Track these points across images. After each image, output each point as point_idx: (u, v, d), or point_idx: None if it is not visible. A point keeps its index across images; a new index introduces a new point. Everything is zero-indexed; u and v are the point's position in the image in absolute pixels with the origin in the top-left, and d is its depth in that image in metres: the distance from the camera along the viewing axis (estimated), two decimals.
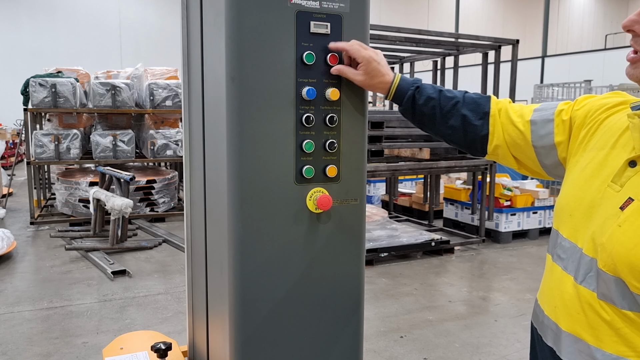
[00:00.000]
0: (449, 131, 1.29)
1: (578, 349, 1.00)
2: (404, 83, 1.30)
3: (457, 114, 1.27)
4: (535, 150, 1.20)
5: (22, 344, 3.52)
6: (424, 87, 1.30)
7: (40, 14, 17.89)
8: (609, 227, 0.94)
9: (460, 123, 1.27)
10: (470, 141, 1.29)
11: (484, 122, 1.26)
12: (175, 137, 7.51)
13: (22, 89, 7.15)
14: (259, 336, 1.25)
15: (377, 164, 5.32)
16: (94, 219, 6.12)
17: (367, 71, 1.23)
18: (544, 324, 1.11)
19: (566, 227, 1.06)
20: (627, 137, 1.00)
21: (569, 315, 1.02)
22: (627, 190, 0.94)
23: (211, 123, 1.30)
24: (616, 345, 0.94)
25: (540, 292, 1.15)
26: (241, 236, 1.20)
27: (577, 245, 1.01)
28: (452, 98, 1.29)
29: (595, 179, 1.02)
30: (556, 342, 1.06)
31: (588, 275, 0.98)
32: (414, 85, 1.30)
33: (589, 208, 1.00)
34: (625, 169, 0.97)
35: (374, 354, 3.45)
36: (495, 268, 5.42)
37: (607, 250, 0.93)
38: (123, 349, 1.68)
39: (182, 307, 4.17)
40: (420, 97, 1.29)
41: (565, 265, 1.04)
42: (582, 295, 0.99)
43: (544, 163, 1.21)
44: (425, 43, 5.77)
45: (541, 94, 10.59)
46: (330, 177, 1.26)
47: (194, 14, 1.39)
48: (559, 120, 1.17)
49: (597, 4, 28.70)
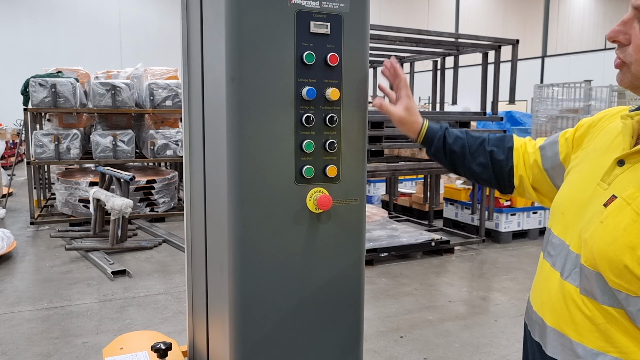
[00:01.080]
0: (479, 169, 1.37)
1: (561, 344, 1.02)
2: (433, 126, 1.39)
3: (484, 152, 1.36)
4: (548, 174, 1.26)
5: (22, 344, 3.52)
6: (451, 129, 1.40)
7: (40, 14, 17.90)
8: (592, 224, 0.97)
9: (488, 160, 1.35)
10: (499, 176, 1.35)
11: (509, 156, 1.33)
12: (175, 137, 7.51)
13: (22, 89, 7.15)
14: (259, 336, 1.25)
15: (377, 164, 5.32)
16: (94, 219, 6.12)
17: (409, 107, 1.32)
18: (532, 319, 1.14)
19: (557, 225, 1.09)
20: (619, 139, 1.04)
21: (553, 311, 1.05)
22: (612, 188, 0.97)
23: (211, 123, 1.30)
24: (597, 340, 0.96)
25: (532, 289, 1.19)
26: (241, 236, 1.20)
27: (565, 242, 1.04)
28: (478, 137, 1.38)
29: (589, 179, 1.05)
30: (542, 337, 1.09)
31: (573, 271, 1.01)
32: (442, 127, 1.39)
33: (580, 206, 1.03)
34: (614, 168, 1.00)
35: (374, 354, 3.44)
36: (495, 268, 5.43)
37: (588, 245, 0.96)
38: (123, 349, 1.68)
39: (182, 307, 4.17)
40: (450, 137, 1.37)
41: (553, 262, 1.07)
42: (566, 291, 1.01)
43: (558, 185, 1.24)
44: (425, 43, 5.77)
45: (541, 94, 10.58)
46: (330, 177, 1.26)
47: (194, 14, 1.39)
48: (562, 139, 1.23)
49: (597, 4, 28.69)
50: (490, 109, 6.30)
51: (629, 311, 0.92)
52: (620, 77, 1.01)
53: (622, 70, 0.99)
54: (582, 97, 9.04)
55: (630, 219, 0.90)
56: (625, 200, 0.93)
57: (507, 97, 6.21)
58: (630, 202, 0.92)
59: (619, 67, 1.00)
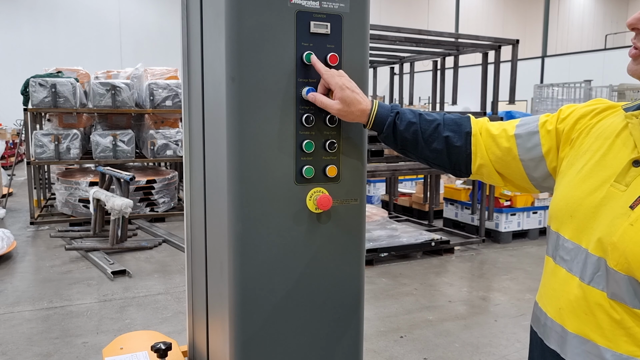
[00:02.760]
0: (433, 155, 1.29)
1: (586, 350, 0.99)
2: (383, 110, 1.27)
3: (439, 137, 1.27)
4: (523, 164, 1.21)
5: (22, 344, 3.52)
6: (403, 113, 1.29)
7: (40, 14, 17.90)
8: (619, 226, 0.93)
9: (443, 145, 1.27)
10: (455, 163, 1.29)
11: (467, 142, 1.26)
12: (175, 137, 7.51)
13: (22, 89, 7.15)
14: (259, 336, 1.25)
15: (377, 164, 5.32)
16: (94, 219, 6.12)
17: (343, 98, 1.20)
18: (546, 326, 1.10)
19: (568, 229, 1.05)
20: (624, 138, 1.01)
21: (575, 317, 1.01)
22: (634, 189, 0.94)
23: (211, 123, 1.30)
24: (626, 345, 0.94)
25: (541, 295, 1.14)
26: (241, 236, 1.20)
27: (582, 246, 1.01)
28: (432, 121, 1.28)
29: (594, 180, 1.02)
30: (561, 344, 1.05)
31: (596, 275, 0.97)
32: (393, 111, 1.28)
33: (592, 208, 1.00)
34: (629, 168, 0.97)
35: (374, 354, 3.44)
36: (495, 268, 5.43)
37: (619, 249, 0.92)
38: (123, 349, 1.68)
39: (182, 307, 4.17)
40: (401, 123, 1.27)
41: (569, 267, 1.04)
42: (591, 296, 0.98)
43: (533, 176, 1.22)
44: (425, 43, 5.77)
45: (541, 94, 10.58)
46: (330, 177, 1.26)
47: (194, 14, 1.39)
48: (544, 131, 1.18)
49: (597, 4, 28.69)
50: (490, 109, 6.30)
51: None
52: (633, 68, 0.98)
53: (638, 60, 0.97)
54: (582, 97, 9.03)
55: None
56: None
57: (507, 97, 6.22)
58: None
59: (635, 57, 0.97)
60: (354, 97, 1.21)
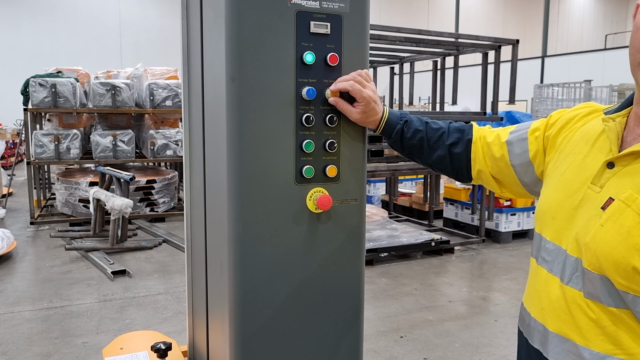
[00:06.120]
0: (437, 161, 1.36)
1: (566, 349, 1.02)
2: (393, 117, 1.35)
3: (443, 144, 1.34)
4: (515, 170, 1.26)
5: (22, 344, 3.52)
6: (411, 121, 1.36)
7: (40, 14, 17.90)
8: (591, 227, 0.96)
9: (446, 152, 1.34)
10: (457, 168, 1.36)
11: (467, 149, 1.33)
12: (175, 137, 7.51)
13: (22, 89, 7.15)
14: (259, 336, 1.25)
15: (377, 164, 5.32)
16: (94, 219, 6.12)
17: (365, 110, 1.26)
18: (530, 326, 1.13)
19: (549, 230, 1.08)
20: (602, 141, 1.04)
21: (556, 316, 1.04)
22: (607, 190, 0.97)
23: (211, 123, 1.30)
24: (603, 343, 0.96)
25: (526, 295, 1.17)
26: (241, 236, 1.20)
27: (562, 247, 1.04)
28: (438, 129, 1.36)
29: (574, 183, 1.05)
30: (543, 343, 1.08)
31: (574, 276, 1.00)
32: (402, 119, 1.35)
33: (571, 210, 1.03)
34: (604, 170, 0.99)
35: (374, 354, 3.44)
36: (495, 268, 5.43)
37: (591, 249, 0.95)
38: (123, 349, 1.68)
39: (182, 307, 4.17)
40: (409, 131, 1.35)
41: (550, 268, 1.07)
42: (569, 296, 1.01)
43: (524, 181, 1.26)
44: (425, 43, 5.77)
45: (541, 94, 10.59)
46: (330, 177, 1.26)
47: (194, 14, 1.39)
48: (532, 137, 1.22)
49: (597, 4, 28.69)
50: (490, 109, 6.30)
51: (637, 312, 0.92)
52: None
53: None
54: (582, 97, 9.04)
55: (633, 221, 0.90)
56: (625, 203, 0.93)
57: (507, 97, 6.22)
58: (629, 204, 0.92)
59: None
60: (374, 109, 1.28)
